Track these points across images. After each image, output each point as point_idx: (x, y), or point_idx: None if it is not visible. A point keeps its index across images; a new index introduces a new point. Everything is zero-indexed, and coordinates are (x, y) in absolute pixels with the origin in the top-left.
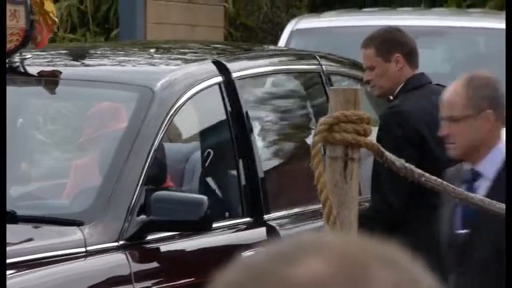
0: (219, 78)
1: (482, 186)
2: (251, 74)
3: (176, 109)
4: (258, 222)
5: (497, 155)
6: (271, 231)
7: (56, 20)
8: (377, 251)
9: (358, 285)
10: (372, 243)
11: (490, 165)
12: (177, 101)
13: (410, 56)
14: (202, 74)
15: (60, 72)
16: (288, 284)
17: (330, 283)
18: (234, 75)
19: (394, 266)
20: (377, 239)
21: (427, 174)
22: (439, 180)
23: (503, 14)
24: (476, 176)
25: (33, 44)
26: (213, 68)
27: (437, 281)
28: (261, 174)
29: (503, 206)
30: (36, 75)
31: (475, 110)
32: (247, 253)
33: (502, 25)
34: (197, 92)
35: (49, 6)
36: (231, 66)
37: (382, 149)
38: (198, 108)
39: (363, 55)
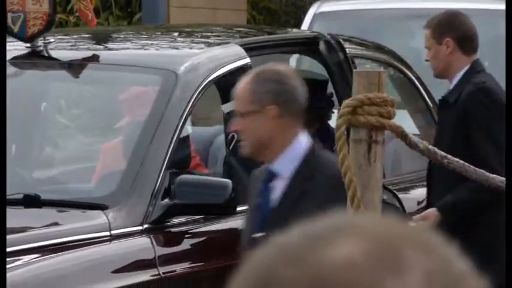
0: (243, 62)
1: (279, 185)
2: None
3: (200, 92)
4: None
5: (294, 154)
6: None
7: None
8: (412, 235)
9: (390, 269)
10: (406, 226)
11: (286, 164)
12: (200, 85)
13: (463, 41)
14: (225, 57)
15: (84, 56)
16: (323, 268)
17: (363, 266)
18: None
19: (428, 251)
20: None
21: (449, 156)
22: (461, 162)
23: None
24: (272, 175)
25: (87, 23)
26: (237, 51)
27: (473, 267)
28: None
29: None
30: (59, 59)
31: (258, 105)
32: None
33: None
34: (220, 76)
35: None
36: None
37: (406, 131)
38: (221, 92)
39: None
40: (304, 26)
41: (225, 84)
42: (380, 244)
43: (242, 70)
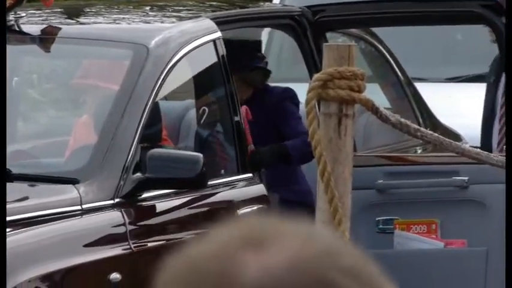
0: (214, 35)
1: None
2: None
3: (171, 67)
4: (253, 179)
5: None
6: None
7: None
8: (277, 223)
9: (254, 244)
10: (272, 219)
11: None
12: (171, 59)
13: None
14: (197, 31)
15: (55, 30)
16: (198, 250)
17: (223, 248)
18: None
19: (294, 232)
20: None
21: (422, 129)
22: (435, 134)
23: None
24: None
25: (42, 2)
26: (208, 25)
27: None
28: None
29: (501, 158)
30: (31, 33)
31: None
32: (242, 211)
33: None
34: (192, 50)
35: None
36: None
37: (377, 104)
38: (193, 66)
39: None
40: None
41: (195, 58)
42: (251, 229)
43: (213, 44)
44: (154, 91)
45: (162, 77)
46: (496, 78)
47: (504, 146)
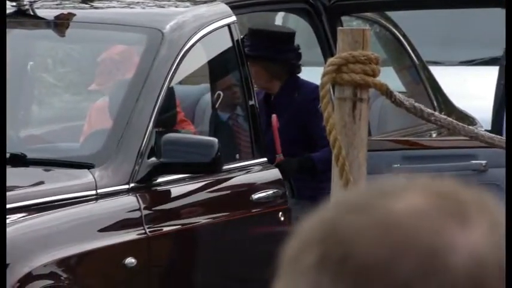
0: (229, 20)
1: None
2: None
3: (186, 51)
4: (268, 164)
5: None
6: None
7: None
8: (474, 195)
9: (456, 218)
10: (468, 189)
11: None
12: (186, 43)
13: None
14: (211, 15)
15: (71, 15)
16: (390, 215)
17: (428, 214)
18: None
19: (489, 209)
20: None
21: (436, 113)
22: (449, 119)
23: None
24: None
25: None
26: (223, 9)
27: None
28: None
29: None
30: (45, 18)
31: None
32: (257, 195)
33: None
34: (207, 34)
35: None
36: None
37: (391, 89)
38: (207, 50)
39: None
40: None
41: (210, 43)
42: (445, 198)
43: (228, 28)
44: (169, 76)
45: (176, 61)
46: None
47: None
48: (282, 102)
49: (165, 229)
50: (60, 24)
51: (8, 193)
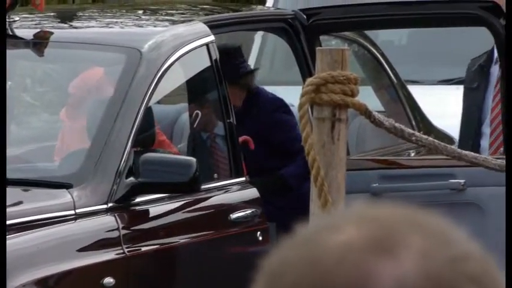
0: (207, 39)
1: None
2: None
3: (164, 70)
4: (246, 183)
5: None
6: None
7: None
8: (411, 218)
9: (385, 249)
10: (411, 214)
11: None
12: (164, 63)
13: None
14: (190, 35)
15: (49, 34)
16: (319, 250)
17: (357, 247)
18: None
19: (426, 232)
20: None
21: (417, 133)
22: (430, 138)
23: None
24: None
25: (33, 6)
26: (201, 28)
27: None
28: None
29: (499, 161)
30: (24, 37)
31: None
32: (235, 215)
33: None
34: (185, 53)
35: None
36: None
37: (370, 109)
38: (186, 70)
39: None
40: (269, 1)
41: (189, 62)
42: (379, 228)
43: (206, 48)
44: (148, 95)
45: (155, 81)
46: (481, 83)
47: (501, 148)
48: (243, 120)
49: (144, 249)
50: (39, 44)
51: None
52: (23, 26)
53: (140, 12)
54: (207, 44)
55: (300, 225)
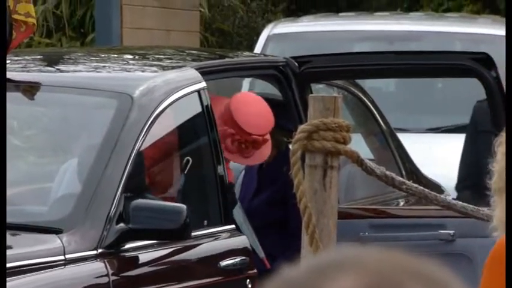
0: (199, 85)
1: None
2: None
3: (156, 116)
4: (236, 230)
5: None
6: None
7: (35, 22)
8: (412, 267)
9: None
10: (408, 261)
11: None
12: (156, 108)
13: None
14: (181, 81)
15: (38, 78)
16: None
17: None
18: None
19: (428, 282)
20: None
21: (407, 182)
22: (420, 187)
23: (479, 19)
24: None
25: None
26: (193, 74)
27: None
28: None
29: (487, 212)
30: (12, 80)
31: None
32: (224, 262)
33: (478, 30)
34: (177, 99)
35: (22, 9)
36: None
37: (362, 157)
38: (177, 116)
39: None
40: (258, 48)
41: (180, 108)
42: (377, 279)
43: (198, 94)
44: (139, 141)
45: (146, 126)
46: (487, 129)
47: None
48: (269, 173)
49: None
50: (28, 87)
51: None
52: (9, 68)
53: (129, 56)
54: (198, 91)
55: (289, 267)
